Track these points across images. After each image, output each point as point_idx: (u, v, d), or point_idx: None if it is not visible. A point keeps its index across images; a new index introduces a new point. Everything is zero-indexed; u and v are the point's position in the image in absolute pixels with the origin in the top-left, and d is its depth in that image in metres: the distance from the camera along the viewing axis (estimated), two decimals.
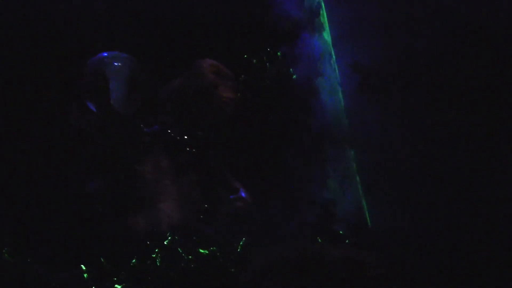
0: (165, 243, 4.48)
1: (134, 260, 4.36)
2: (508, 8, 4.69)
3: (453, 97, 5.02)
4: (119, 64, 5.11)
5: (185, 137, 5.13)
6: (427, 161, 5.12)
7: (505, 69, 4.69)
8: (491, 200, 4.79)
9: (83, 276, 4.37)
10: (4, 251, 4.45)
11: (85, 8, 5.62)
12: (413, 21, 5.13)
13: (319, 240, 4.80)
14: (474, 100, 4.91)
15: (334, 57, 5.54)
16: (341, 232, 4.85)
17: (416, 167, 5.12)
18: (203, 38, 5.65)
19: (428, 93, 5.13)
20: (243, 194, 5.19)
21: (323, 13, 5.57)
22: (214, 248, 4.47)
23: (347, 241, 4.81)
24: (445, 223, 5.05)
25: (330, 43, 5.56)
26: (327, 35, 5.56)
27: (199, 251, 4.42)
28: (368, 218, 5.15)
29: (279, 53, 5.39)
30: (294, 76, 5.36)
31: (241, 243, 4.61)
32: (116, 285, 4.30)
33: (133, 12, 5.63)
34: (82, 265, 4.39)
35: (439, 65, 5.04)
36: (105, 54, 5.15)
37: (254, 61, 5.41)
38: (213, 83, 5.20)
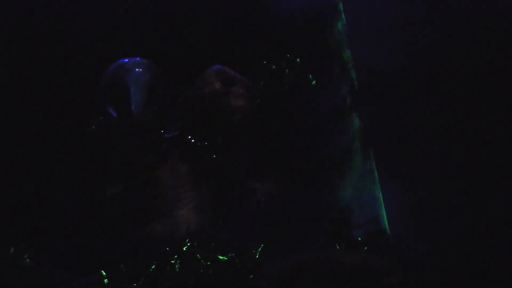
0: (183, 249, 4.50)
1: (153, 266, 4.39)
2: None
3: (477, 98, 5.00)
4: (140, 70, 5.13)
5: (204, 143, 5.15)
6: (447, 166, 5.11)
7: None
8: None
9: (103, 281, 4.40)
10: (25, 256, 4.49)
11: (104, 14, 5.66)
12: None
13: (337, 247, 4.80)
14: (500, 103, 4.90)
15: (351, 59, 5.55)
16: (359, 238, 4.84)
17: (436, 172, 5.11)
18: (222, 44, 5.67)
19: (450, 93, 5.12)
20: (261, 199, 5.21)
21: (342, 16, 5.58)
22: (232, 254, 4.49)
23: (365, 248, 4.80)
24: (465, 229, 5.04)
25: (347, 44, 5.56)
26: (343, 37, 5.56)
27: (217, 257, 4.44)
28: (386, 225, 5.15)
29: (298, 59, 5.40)
30: (314, 82, 5.37)
31: (259, 249, 4.62)
32: None
33: (152, 19, 5.66)
34: (102, 271, 4.42)
35: (458, 65, 5.03)
36: (126, 60, 5.18)
37: (273, 67, 5.42)
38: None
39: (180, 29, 5.71)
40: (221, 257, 4.45)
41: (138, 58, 5.19)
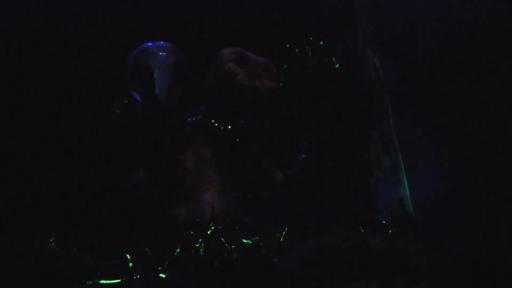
0: (208, 232, 4.50)
1: (178, 250, 4.40)
2: None
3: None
4: (164, 54, 5.12)
5: (227, 126, 5.14)
6: (473, 152, 5.08)
7: None
8: None
9: (128, 265, 4.42)
10: (50, 240, 4.52)
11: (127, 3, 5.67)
12: None
13: (362, 230, 4.78)
14: None
15: (376, 44, 5.52)
16: (383, 222, 4.82)
17: (461, 157, 5.09)
18: (245, 28, 5.66)
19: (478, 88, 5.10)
20: (284, 183, 5.21)
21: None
22: (257, 238, 4.49)
23: (389, 231, 4.78)
24: (489, 213, 5.01)
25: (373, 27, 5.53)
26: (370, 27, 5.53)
27: (241, 241, 4.44)
28: (411, 208, 5.12)
29: (321, 43, 5.37)
30: (337, 66, 5.34)
31: (283, 232, 4.61)
32: (160, 274, 4.34)
33: (175, 4, 5.66)
34: (127, 254, 4.44)
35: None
36: (150, 44, 5.17)
37: (296, 50, 5.39)
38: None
39: (203, 14, 5.71)
40: (245, 241, 4.45)
41: (162, 42, 5.18)
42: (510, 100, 5.03)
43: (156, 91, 5.04)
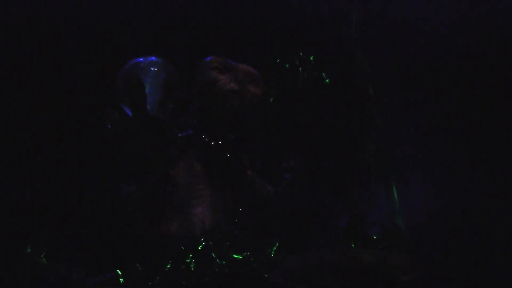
0: (199, 247, 4.50)
1: (168, 265, 4.39)
2: None
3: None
4: (155, 69, 5.15)
5: (218, 141, 5.15)
6: (464, 164, 5.09)
7: None
8: None
9: (119, 280, 4.41)
10: (41, 255, 4.51)
11: (120, 13, 5.67)
12: None
13: (352, 245, 4.79)
14: None
15: (366, 58, 5.53)
16: (374, 237, 4.83)
17: (452, 170, 5.10)
18: (234, 42, 5.67)
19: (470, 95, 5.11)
20: (275, 197, 5.21)
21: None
22: (248, 252, 4.49)
23: (380, 245, 4.79)
24: (481, 226, 5.02)
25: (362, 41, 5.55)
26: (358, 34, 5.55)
27: (232, 255, 4.44)
28: (401, 223, 5.13)
29: (311, 58, 5.39)
30: (327, 81, 5.36)
31: (274, 247, 4.61)
32: None
33: (163, 17, 5.67)
34: (117, 270, 4.43)
35: None
36: (141, 60, 5.19)
37: (287, 65, 5.42)
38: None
39: (192, 27, 5.72)
40: (236, 256, 4.45)
41: (153, 57, 5.21)
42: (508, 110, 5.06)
43: (147, 106, 5.06)
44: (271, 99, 5.37)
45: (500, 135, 5.01)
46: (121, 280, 4.37)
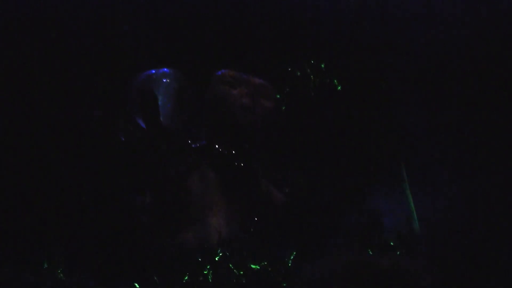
0: (216, 258, 4.49)
1: (186, 277, 4.39)
2: None
3: None
4: (167, 80, 5.16)
5: (231, 151, 5.15)
6: (481, 167, 5.07)
7: None
8: None
9: None
10: (59, 271, 4.51)
11: (132, 24, 5.68)
12: None
13: (369, 251, 4.78)
14: None
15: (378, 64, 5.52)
16: (391, 243, 4.81)
17: (466, 175, 5.08)
18: (246, 51, 5.67)
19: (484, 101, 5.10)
20: (291, 205, 5.20)
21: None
22: (265, 262, 4.48)
23: (397, 252, 4.77)
24: (497, 229, 5.00)
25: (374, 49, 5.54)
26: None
27: (250, 266, 4.43)
28: (418, 228, 5.12)
29: (322, 65, 5.38)
30: (339, 88, 5.35)
31: (291, 256, 4.61)
32: None
33: (179, 27, 5.68)
34: (135, 283, 4.43)
35: None
36: (153, 71, 5.21)
37: (298, 73, 5.41)
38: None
39: (203, 36, 5.73)
40: (253, 266, 4.44)
41: (165, 69, 5.22)
42: None
43: (161, 118, 5.07)
44: (284, 107, 5.36)
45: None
46: None
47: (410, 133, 5.34)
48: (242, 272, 4.35)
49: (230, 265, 4.39)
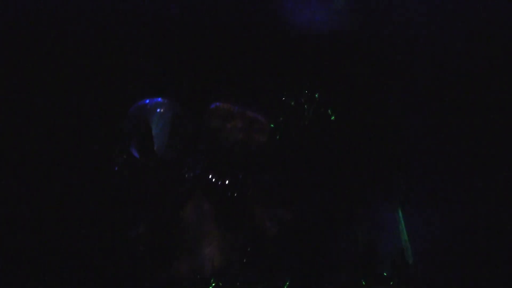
0: None
1: None
2: None
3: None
4: (161, 110, 5.17)
5: (225, 180, 5.15)
6: (472, 197, 5.08)
7: None
8: None
9: None
10: None
11: (126, 50, 5.70)
12: None
13: (363, 282, 4.77)
14: None
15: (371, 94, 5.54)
16: (384, 273, 4.81)
17: (460, 203, 5.08)
18: (240, 81, 5.69)
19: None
20: (284, 235, 5.20)
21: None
22: None
23: (391, 282, 4.77)
24: (494, 262, 4.99)
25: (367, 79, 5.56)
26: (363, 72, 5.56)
27: None
28: (411, 258, 5.11)
29: (317, 95, 5.41)
30: (333, 117, 5.37)
31: (285, 286, 4.60)
32: None
33: (174, 56, 5.69)
34: None
35: None
36: (147, 101, 5.21)
37: (292, 103, 5.43)
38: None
39: (198, 66, 5.74)
40: None
41: (159, 98, 5.23)
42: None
43: (155, 147, 5.07)
44: (278, 137, 5.38)
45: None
46: None
47: (404, 161, 5.35)
48: None
49: None
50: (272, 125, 5.38)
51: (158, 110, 5.16)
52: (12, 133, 5.52)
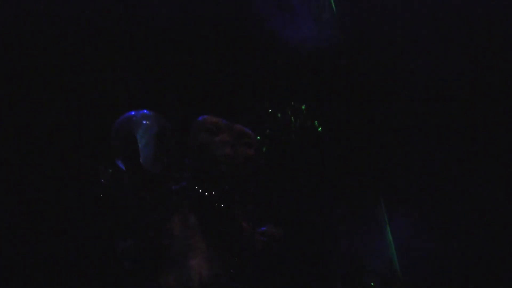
0: None
1: None
2: None
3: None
4: (148, 122, 5.14)
5: (211, 193, 5.14)
6: (459, 208, 5.10)
7: None
8: None
9: None
10: None
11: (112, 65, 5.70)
12: None
13: None
14: None
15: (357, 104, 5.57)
16: (372, 284, 4.81)
17: (447, 215, 5.10)
18: (227, 93, 5.70)
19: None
20: (272, 248, 5.19)
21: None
22: None
23: None
24: (478, 272, 5.01)
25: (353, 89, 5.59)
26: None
27: None
28: (399, 270, 5.12)
29: (303, 107, 5.42)
30: (320, 129, 5.39)
31: None
32: None
33: (160, 69, 5.71)
34: None
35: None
36: (133, 113, 5.19)
37: (279, 115, 5.44)
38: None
39: (185, 79, 5.76)
40: None
41: (145, 110, 5.21)
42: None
43: (141, 160, 5.05)
44: (264, 149, 5.38)
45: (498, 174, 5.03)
46: None
47: (391, 174, 5.37)
48: None
49: None
50: (258, 137, 5.38)
51: (144, 122, 5.14)
52: None
